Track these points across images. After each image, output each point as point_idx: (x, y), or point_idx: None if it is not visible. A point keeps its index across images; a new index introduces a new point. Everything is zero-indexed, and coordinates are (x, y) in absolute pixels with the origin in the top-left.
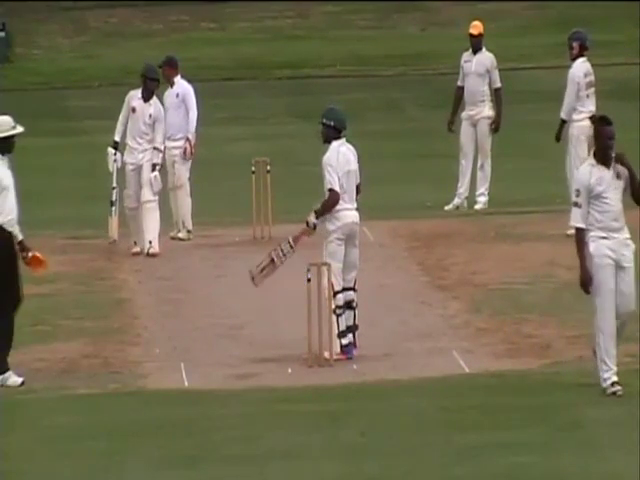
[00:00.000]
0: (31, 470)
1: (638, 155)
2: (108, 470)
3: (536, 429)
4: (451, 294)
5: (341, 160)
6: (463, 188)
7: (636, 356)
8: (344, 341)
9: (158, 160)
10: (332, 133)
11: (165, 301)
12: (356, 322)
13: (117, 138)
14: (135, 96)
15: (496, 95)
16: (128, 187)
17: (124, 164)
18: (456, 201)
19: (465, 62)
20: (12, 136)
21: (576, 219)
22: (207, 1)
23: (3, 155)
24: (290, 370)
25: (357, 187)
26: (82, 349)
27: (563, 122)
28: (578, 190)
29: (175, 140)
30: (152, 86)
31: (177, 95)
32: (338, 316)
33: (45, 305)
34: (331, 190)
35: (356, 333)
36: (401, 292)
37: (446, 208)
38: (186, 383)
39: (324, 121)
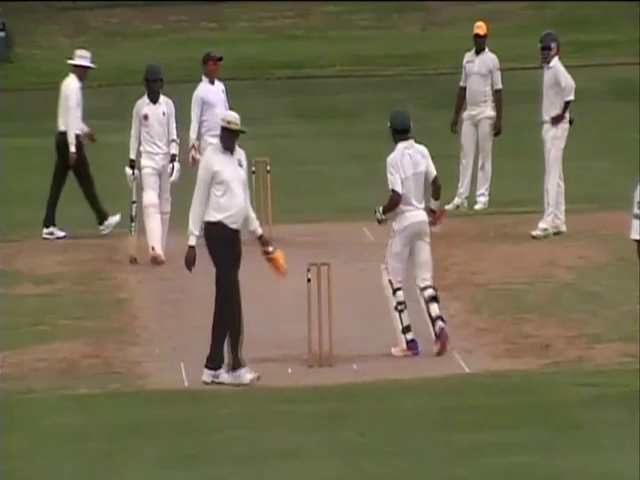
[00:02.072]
0: (31, 470)
1: (638, 155)
2: (108, 470)
3: (536, 429)
4: (451, 294)
5: (406, 162)
6: (463, 188)
7: (636, 356)
8: (409, 336)
9: (176, 151)
10: (394, 135)
11: (165, 301)
12: (440, 313)
13: (132, 156)
14: (143, 104)
15: (496, 97)
16: (147, 187)
17: (142, 168)
18: (456, 201)
19: (467, 62)
20: (236, 133)
21: (636, 232)
22: (207, 1)
23: (227, 150)
24: (290, 370)
25: (433, 184)
26: (82, 349)
27: (568, 103)
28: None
29: None
30: (156, 87)
31: (223, 91)
32: (400, 312)
33: (45, 305)
34: (393, 191)
35: (444, 323)
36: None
37: (446, 208)
38: (186, 383)
39: (388, 124)
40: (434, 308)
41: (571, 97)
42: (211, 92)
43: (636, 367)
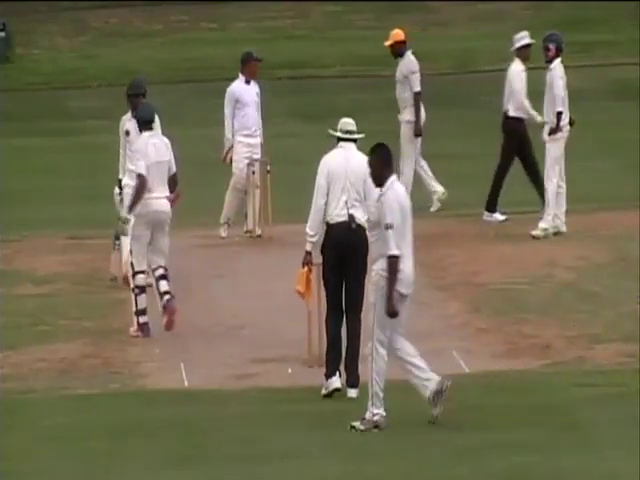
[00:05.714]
0: (31, 470)
1: (638, 155)
2: (108, 470)
3: (536, 429)
4: (451, 294)
5: (150, 150)
6: (434, 186)
7: (636, 356)
8: (142, 319)
9: None
10: (139, 125)
11: None
12: (171, 289)
13: (121, 175)
14: (126, 120)
15: (414, 99)
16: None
17: (123, 187)
18: (436, 200)
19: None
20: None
21: None
22: (207, 1)
23: None
24: (290, 370)
25: (173, 177)
26: (82, 349)
27: (559, 114)
28: None
29: (256, 137)
30: (137, 102)
31: (257, 94)
32: (137, 295)
33: (45, 305)
34: (139, 175)
35: (171, 297)
36: None
37: (432, 210)
38: (186, 383)
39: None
40: (163, 284)
41: (560, 108)
42: (245, 91)
43: (636, 367)
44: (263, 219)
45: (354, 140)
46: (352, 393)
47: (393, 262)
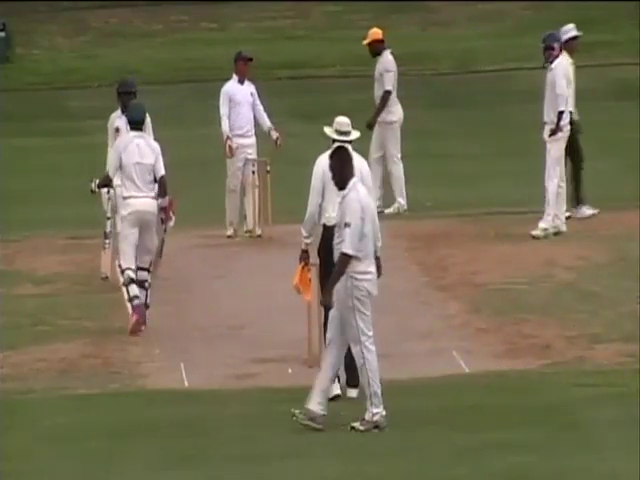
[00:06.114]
0: (31, 470)
1: (638, 155)
2: (108, 470)
3: (536, 429)
4: (451, 294)
5: (131, 149)
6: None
7: (636, 356)
8: (135, 302)
9: None
10: (130, 124)
11: (165, 301)
12: (148, 301)
13: (111, 174)
14: (116, 117)
15: (381, 97)
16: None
17: (115, 187)
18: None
19: None
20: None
21: None
22: (207, 1)
23: None
24: (290, 370)
25: (160, 180)
26: (82, 349)
27: (561, 114)
28: None
29: (250, 137)
30: (127, 100)
31: (251, 94)
32: (127, 286)
33: (45, 305)
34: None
35: (147, 311)
36: (401, 292)
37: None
38: (186, 383)
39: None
40: (133, 289)
41: (562, 107)
42: (238, 91)
43: (636, 367)
44: (263, 219)
45: (349, 142)
46: (352, 393)
47: (344, 260)
